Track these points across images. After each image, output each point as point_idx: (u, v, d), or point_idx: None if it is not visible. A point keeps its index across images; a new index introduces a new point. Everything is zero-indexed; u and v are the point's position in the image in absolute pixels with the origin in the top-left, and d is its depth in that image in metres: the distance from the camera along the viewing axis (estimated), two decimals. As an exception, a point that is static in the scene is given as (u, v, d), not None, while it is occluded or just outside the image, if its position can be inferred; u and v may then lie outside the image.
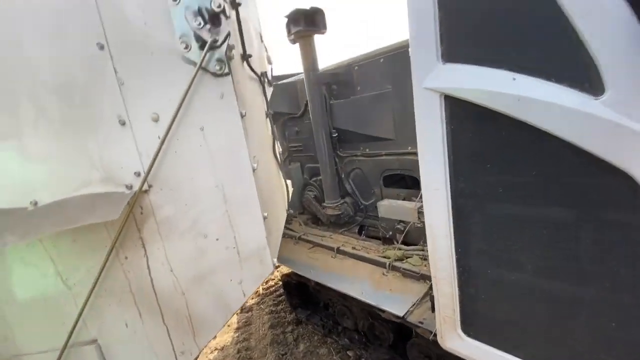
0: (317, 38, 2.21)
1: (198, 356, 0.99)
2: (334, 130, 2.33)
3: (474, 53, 0.81)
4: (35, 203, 0.83)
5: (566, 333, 0.83)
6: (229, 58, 0.76)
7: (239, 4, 0.93)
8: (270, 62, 1.59)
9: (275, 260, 0.91)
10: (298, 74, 2.77)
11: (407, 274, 1.67)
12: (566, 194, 0.76)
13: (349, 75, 2.17)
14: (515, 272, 0.90)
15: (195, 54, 0.74)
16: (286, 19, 2.17)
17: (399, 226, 1.99)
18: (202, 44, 0.73)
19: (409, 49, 0.93)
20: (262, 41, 1.53)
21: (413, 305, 1.46)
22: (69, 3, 0.74)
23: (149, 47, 0.74)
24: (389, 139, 2.06)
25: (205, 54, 0.73)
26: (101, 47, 0.74)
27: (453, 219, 0.96)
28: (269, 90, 1.42)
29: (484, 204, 0.90)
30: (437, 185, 0.96)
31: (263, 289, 2.91)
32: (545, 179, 0.78)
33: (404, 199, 2.06)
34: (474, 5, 0.78)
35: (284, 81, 2.69)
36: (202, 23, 0.71)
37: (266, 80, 1.32)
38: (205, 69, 0.76)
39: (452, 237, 0.97)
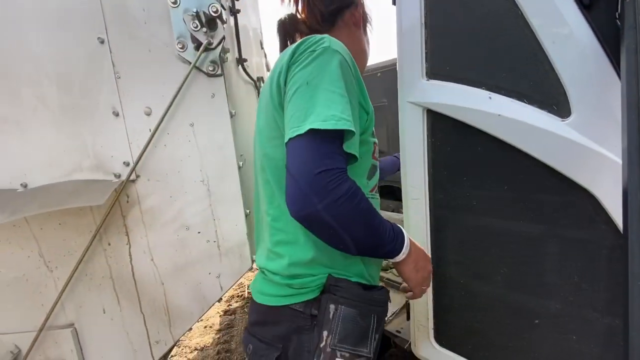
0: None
1: (172, 347, 1.00)
2: (330, 139, 2.38)
3: (455, 72, 0.85)
4: (26, 185, 0.86)
5: (532, 345, 0.85)
6: (222, 60, 0.80)
7: (238, 11, 0.98)
8: (268, 69, 1.65)
9: (254, 257, 0.93)
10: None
11: (389, 284, 1.69)
12: (535, 210, 0.80)
13: (347, 86, 2.23)
14: (486, 284, 0.92)
15: (190, 54, 0.78)
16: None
17: (386, 237, 2.02)
18: (197, 45, 0.78)
19: (397, 65, 0.98)
20: (262, 48, 1.59)
21: (392, 314, 1.47)
22: (75, -1, 0.79)
23: (147, 44, 0.78)
24: (382, 151, 2.11)
25: (200, 55, 0.77)
26: (102, 42, 0.79)
27: (430, 229, 0.99)
28: (266, 95, 1.47)
29: (460, 216, 0.93)
30: (416, 196, 0.99)
31: (248, 292, 2.90)
32: (516, 194, 0.81)
33: (392, 211, 2.09)
34: (456, 28, 0.83)
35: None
36: (199, 26, 0.76)
37: (262, 84, 1.37)
38: (199, 69, 0.80)
39: (429, 246, 1.00)
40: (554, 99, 0.71)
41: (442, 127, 0.91)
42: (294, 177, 0.49)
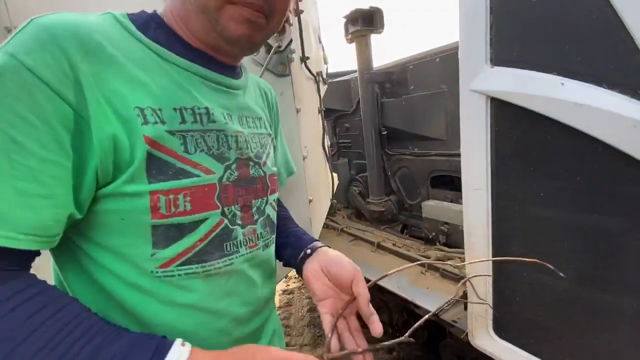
0: (375, 38, 2.27)
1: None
2: (384, 128, 2.37)
3: (522, 57, 0.82)
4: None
5: (601, 342, 0.81)
6: (290, 61, 0.88)
7: (302, 11, 1.05)
8: (326, 62, 1.70)
9: (317, 238, 1.02)
10: (352, 71, 2.86)
11: (446, 275, 1.68)
12: (612, 202, 0.75)
13: (403, 74, 2.19)
14: (554, 278, 0.89)
15: (262, 57, 0.87)
16: (345, 20, 2.26)
17: (442, 227, 1.98)
18: (268, 48, 0.86)
19: (459, 52, 0.96)
20: (320, 42, 1.65)
21: (448, 304, 1.47)
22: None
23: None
24: (440, 140, 2.05)
25: (270, 58, 0.85)
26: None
27: (492, 219, 0.98)
28: (323, 88, 1.53)
29: (525, 207, 0.91)
30: (477, 186, 0.98)
31: (305, 275, 3.08)
32: (591, 185, 0.77)
33: (451, 201, 2.04)
34: (525, 11, 0.79)
35: (338, 79, 2.79)
36: (270, 31, 0.84)
37: (321, 79, 1.43)
38: (269, 70, 0.89)
39: (490, 237, 0.99)
40: (637, 83, 0.66)
41: (508, 116, 0.88)
42: None
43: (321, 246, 0.61)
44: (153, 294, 0.41)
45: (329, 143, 1.50)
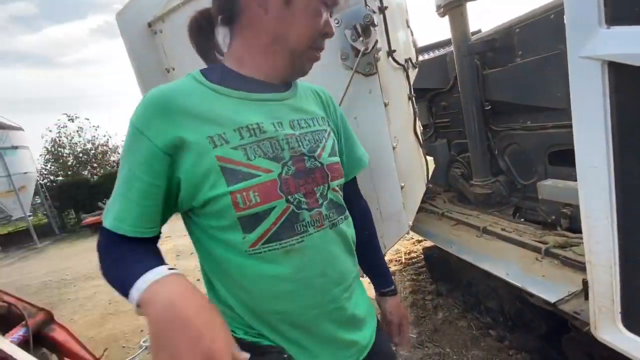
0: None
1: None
2: (487, 103, 2.17)
3: (651, 10, 0.70)
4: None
5: None
6: (376, 60, 0.96)
7: (386, 8, 1.10)
8: (415, 46, 1.69)
9: (410, 222, 1.09)
10: (445, 41, 2.67)
11: (567, 263, 1.49)
12: None
13: (508, 40, 1.96)
14: None
15: (351, 61, 0.98)
16: (436, -7, 2.14)
17: (564, 210, 1.74)
18: (356, 52, 0.97)
19: (565, 15, 0.87)
20: (408, 26, 1.64)
21: (570, 294, 1.32)
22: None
23: (322, 61, 1.03)
24: (559, 109, 1.78)
25: (359, 61, 0.96)
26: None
27: (617, 200, 0.87)
28: (413, 73, 1.54)
29: (663, 185, 0.78)
30: (595, 163, 0.89)
31: (405, 259, 3.12)
32: None
33: (576, 180, 1.76)
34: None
35: (432, 56, 2.66)
36: (356, 37, 0.94)
37: (410, 64, 1.44)
38: (358, 72, 0.99)
39: (614, 219, 0.88)
40: None
41: (634, 82, 0.76)
42: None
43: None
44: (248, 267, 0.56)
45: (421, 128, 1.51)
